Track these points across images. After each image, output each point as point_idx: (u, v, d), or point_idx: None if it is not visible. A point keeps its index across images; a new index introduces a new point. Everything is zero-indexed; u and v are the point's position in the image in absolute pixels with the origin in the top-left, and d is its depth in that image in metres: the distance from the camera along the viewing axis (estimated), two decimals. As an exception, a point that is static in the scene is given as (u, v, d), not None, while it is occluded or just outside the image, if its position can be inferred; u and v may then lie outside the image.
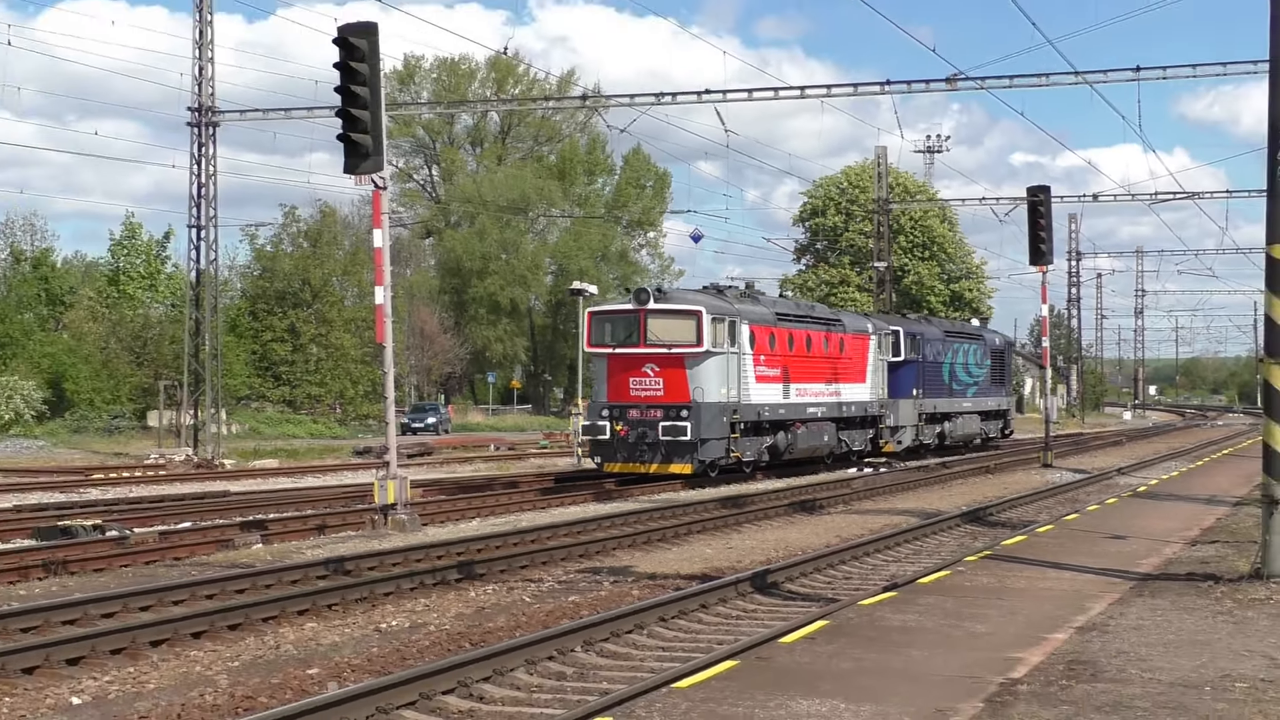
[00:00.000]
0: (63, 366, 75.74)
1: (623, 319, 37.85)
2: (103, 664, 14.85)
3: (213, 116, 56.01)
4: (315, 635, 16.69)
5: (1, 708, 13.02)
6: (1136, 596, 16.00)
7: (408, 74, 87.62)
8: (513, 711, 12.59)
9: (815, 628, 14.08)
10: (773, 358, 40.90)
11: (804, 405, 43.34)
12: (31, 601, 18.32)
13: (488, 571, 21.63)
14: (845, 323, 48.60)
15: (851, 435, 47.25)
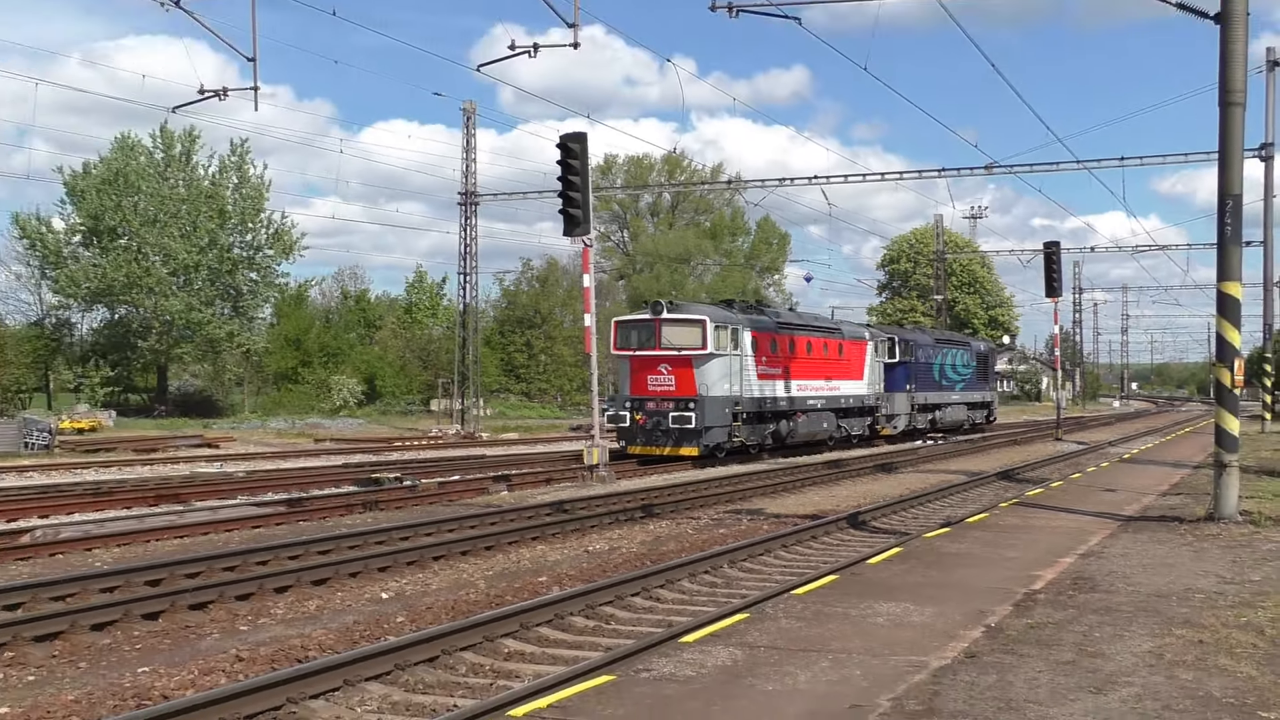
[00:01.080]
0: (374, 369, 76.97)
1: (642, 326, 33.53)
2: (401, 571, 15.04)
3: (474, 198, 56.66)
4: (543, 554, 16.76)
5: (336, 600, 13.24)
6: (1123, 532, 15.70)
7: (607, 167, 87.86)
8: (682, 605, 12.55)
9: (892, 553, 13.90)
10: (774, 359, 36.34)
11: (804, 398, 38.34)
12: (355, 528, 18.59)
13: (661, 511, 21.59)
14: (843, 330, 43.69)
15: (850, 422, 42.14)
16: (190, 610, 12.33)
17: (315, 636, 11.13)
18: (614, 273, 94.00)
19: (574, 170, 25.81)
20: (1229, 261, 15.94)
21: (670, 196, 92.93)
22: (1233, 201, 15.71)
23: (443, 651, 10.11)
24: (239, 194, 70.44)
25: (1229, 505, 16.09)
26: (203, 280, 67.43)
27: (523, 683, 9.10)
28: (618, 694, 7.56)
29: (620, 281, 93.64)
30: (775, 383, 36.31)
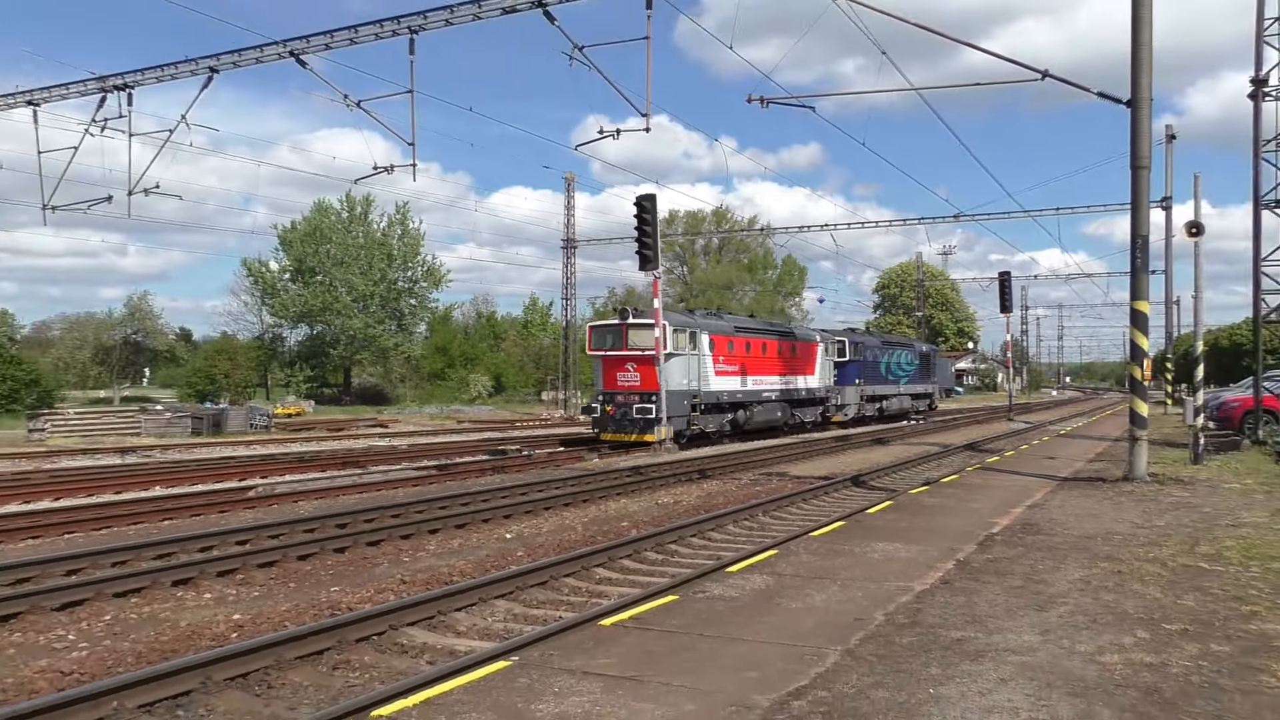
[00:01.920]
0: (500, 369, 77.43)
1: (611, 330, 29.45)
2: (520, 518, 15.11)
3: (573, 243, 56.90)
4: (624, 506, 16.76)
5: (473, 539, 13.32)
6: (1060, 490, 15.39)
7: (670, 219, 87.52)
8: (728, 544, 12.49)
9: (885, 505, 13.74)
10: (731, 357, 32.15)
11: (759, 391, 34.12)
12: (486, 486, 18.71)
13: (712, 474, 21.50)
14: (796, 333, 39.23)
15: (803, 411, 37.92)
16: (367, 546, 12.50)
17: (458, 566, 11.23)
18: (675, 298, 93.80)
19: (647, 222, 25.93)
20: (1139, 285, 16.00)
21: (718, 240, 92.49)
22: (1141, 240, 15.77)
23: (550, 577, 10.16)
24: (402, 242, 71.39)
25: (1140, 468, 15.89)
26: (375, 305, 68.56)
27: (610, 601, 9.12)
28: (680, 609, 7.56)
29: (681, 304, 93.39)
30: (732, 378, 32.23)
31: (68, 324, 75.93)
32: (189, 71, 20.56)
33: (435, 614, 8.59)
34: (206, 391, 57.87)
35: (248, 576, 10.69)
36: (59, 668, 7.14)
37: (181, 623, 8.63)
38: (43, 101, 22.84)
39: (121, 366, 71.69)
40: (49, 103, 22.88)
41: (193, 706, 6.35)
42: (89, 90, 21.92)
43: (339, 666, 7.28)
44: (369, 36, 18.80)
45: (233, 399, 53.17)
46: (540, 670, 5.97)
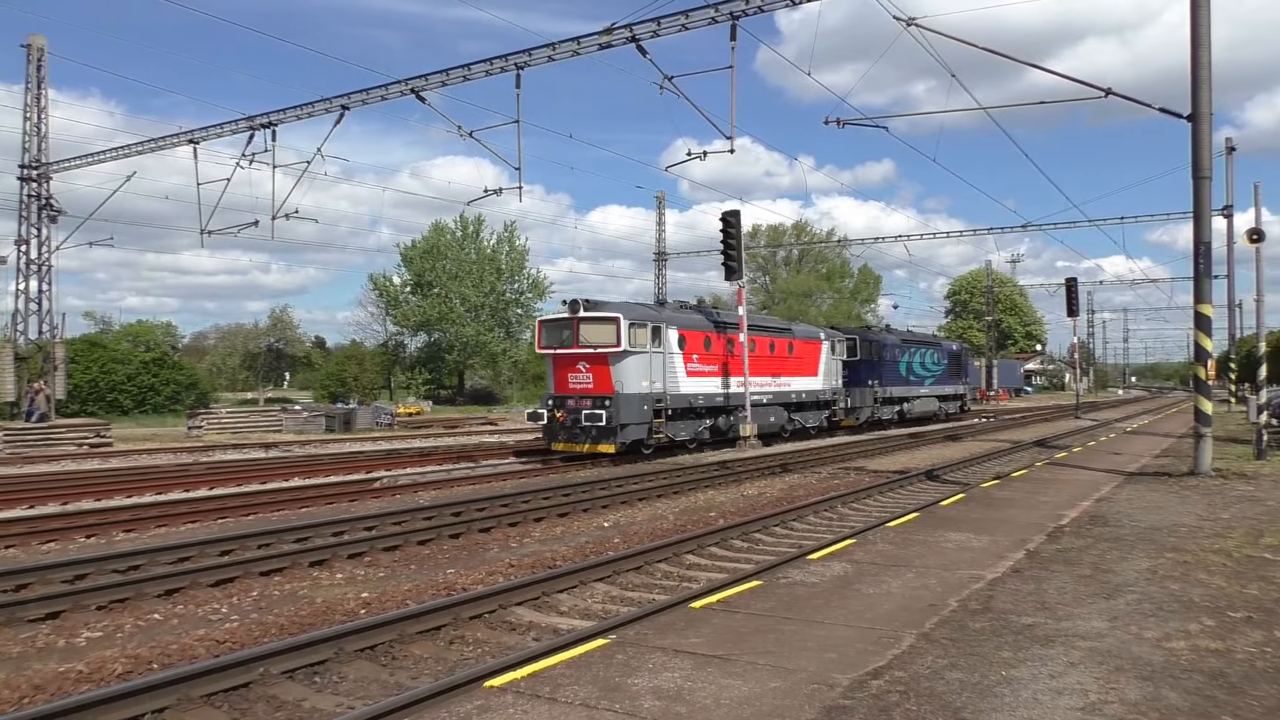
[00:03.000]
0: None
1: (562, 325, 24.05)
2: (616, 508, 15.14)
3: (664, 256, 56.94)
4: (712, 497, 16.69)
5: (574, 527, 13.40)
6: (1127, 484, 14.85)
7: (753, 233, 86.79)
8: (808, 533, 12.35)
9: (958, 498, 13.44)
10: (709, 356, 26.03)
11: (750, 394, 27.67)
12: (585, 479, 18.81)
13: (794, 468, 21.29)
14: (795, 330, 32.29)
15: (805, 415, 31.67)
16: (479, 532, 12.68)
17: (560, 551, 11.32)
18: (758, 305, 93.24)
19: (732, 235, 25.80)
20: (1202, 289, 15.42)
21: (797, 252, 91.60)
22: (1204, 247, 15.20)
23: (644, 563, 10.17)
24: (509, 257, 72.31)
25: (1205, 463, 15.29)
26: (486, 315, 69.62)
27: (699, 585, 9.09)
28: (764, 593, 7.50)
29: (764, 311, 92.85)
30: (710, 379, 26.10)
31: (220, 334, 79.11)
32: (324, 109, 21.17)
33: (540, 595, 8.66)
34: (338, 393, 59.43)
35: (374, 559, 10.93)
36: (214, 637, 7.40)
37: (317, 599, 8.86)
38: (201, 140, 23.77)
39: (265, 371, 74.22)
40: (206, 141, 23.80)
41: (327, 674, 6.52)
42: (239, 129, 22.74)
43: (454, 641, 7.39)
44: (480, 73, 19.11)
45: (361, 400, 54.47)
46: (636, 648, 5.98)
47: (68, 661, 6.81)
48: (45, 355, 30.13)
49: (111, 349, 47.87)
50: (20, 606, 8.10)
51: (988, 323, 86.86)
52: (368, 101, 20.63)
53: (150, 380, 47.68)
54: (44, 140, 30.15)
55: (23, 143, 29.97)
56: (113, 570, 9.82)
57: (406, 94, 19.90)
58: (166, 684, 5.82)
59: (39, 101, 30.13)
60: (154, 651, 6.97)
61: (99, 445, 26.92)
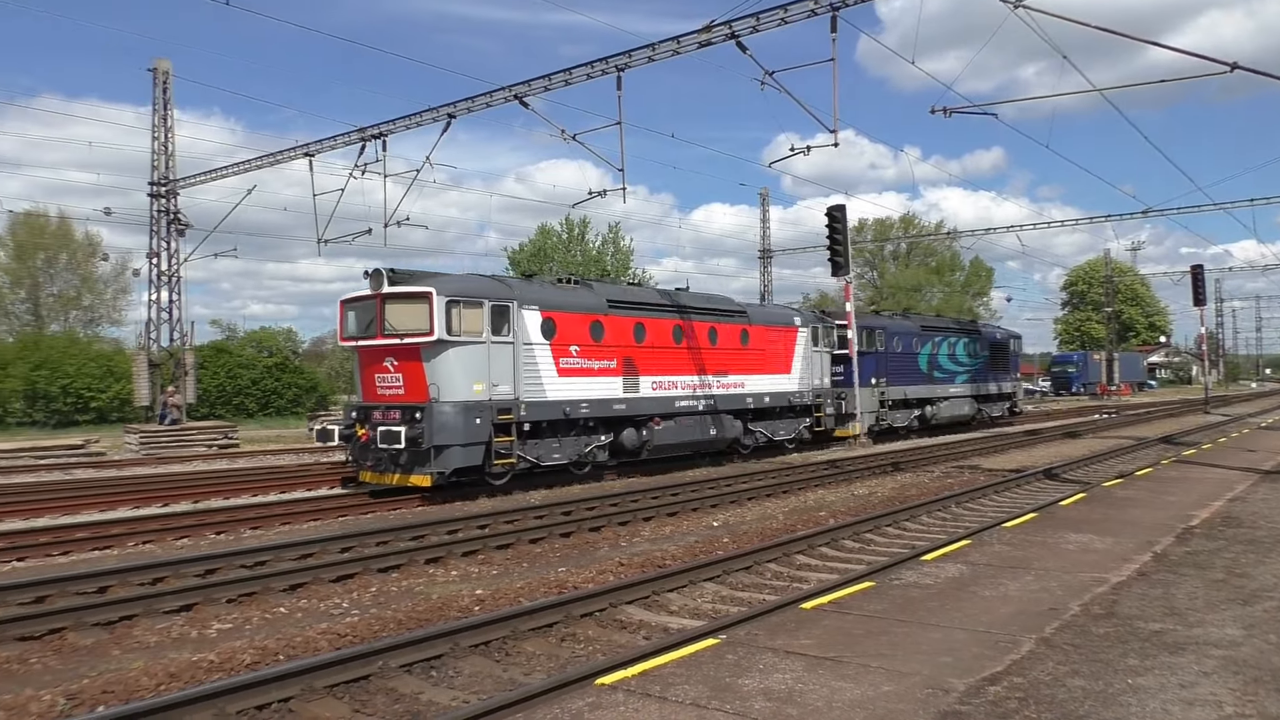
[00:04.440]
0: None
1: (365, 305, 17.04)
2: (725, 508, 15.12)
3: (769, 253, 56.61)
4: (822, 496, 16.50)
5: (683, 526, 13.43)
6: (1262, 483, 14.08)
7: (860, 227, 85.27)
8: (921, 534, 12.10)
9: (1078, 497, 12.97)
10: (599, 349, 19.02)
11: (670, 399, 20.71)
12: (695, 479, 18.80)
13: (905, 467, 20.88)
14: (751, 314, 24.39)
15: (772, 426, 24.33)
16: (589, 531, 12.82)
17: (669, 551, 11.35)
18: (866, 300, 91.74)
19: (837, 230, 25.38)
20: None
21: (905, 245, 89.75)
22: None
23: (754, 563, 10.12)
24: (614, 258, 72.94)
25: (1353, 463, 14.30)
26: (592, 315, 70.34)
27: (809, 585, 9.00)
28: (877, 594, 7.38)
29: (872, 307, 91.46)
30: (601, 380, 19.10)
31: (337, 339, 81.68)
32: (431, 119, 21.73)
33: (650, 594, 8.71)
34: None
35: (487, 557, 11.17)
36: (336, 630, 7.67)
37: (433, 595, 9.11)
38: (316, 153, 24.69)
39: (380, 374, 76.29)
40: (321, 153, 24.71)
41: (444, 668, 6.69)
42: (352, 140, 23.54)
43: (566, 639, 7.50)
44: (581, 77, 19.32)
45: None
46: (746, 648, 5.96)
47: (200, 651, 7.17)
48: (176, 362, 31.74)
49: (237, 355, 50.02)
50: (157, 599, 8.56)
51: (1107, 314, 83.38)
52: (473, 109, 21.09)
53: (273, 384, 49.65)
54: (171, 158, 31.78)
55: (152, 161, 31.64)
56: (240, 565, 10.29)
57: (510, 100, 20.27)
58: (292, 675, 6.07)
59: (166, 122, 31.77)
60: (280, 643, 7.28)
61: (226, 446, 28.22)
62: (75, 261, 54.28)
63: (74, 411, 39.34)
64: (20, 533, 12.57)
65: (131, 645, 7.57)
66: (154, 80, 31.91)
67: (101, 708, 5.83)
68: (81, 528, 13.04)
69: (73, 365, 40.18)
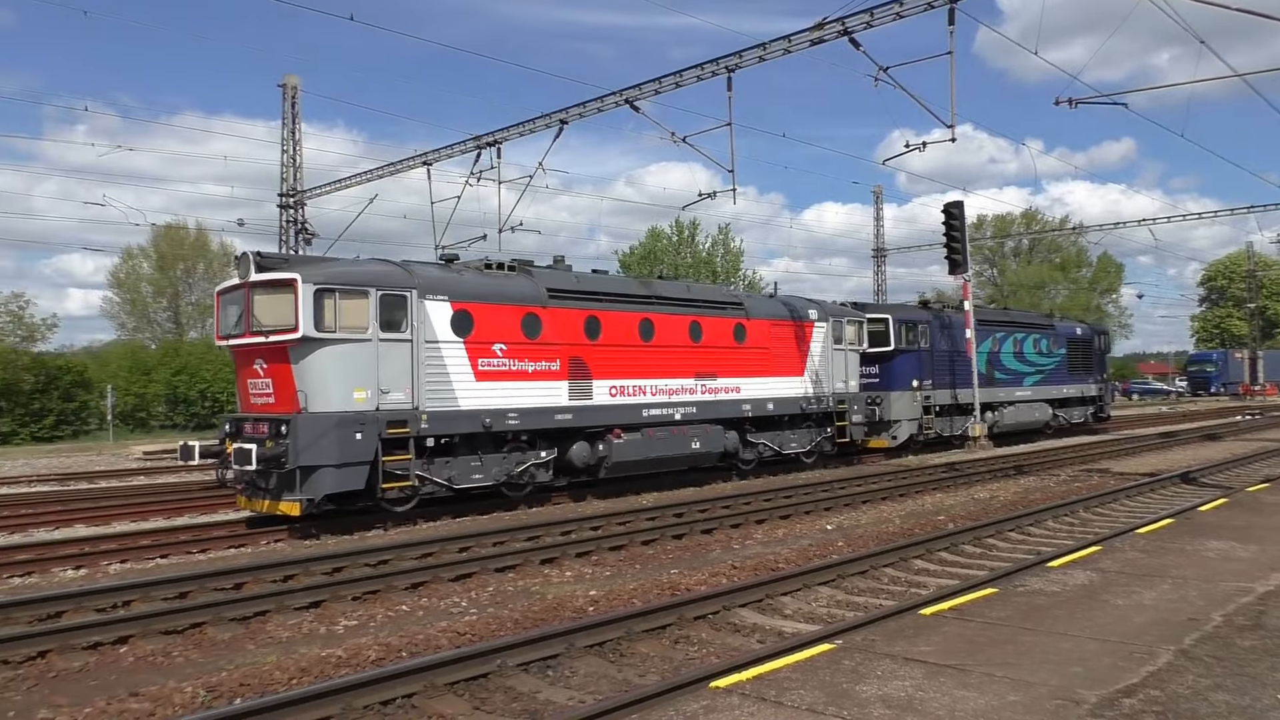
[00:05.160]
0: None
1: (236, 296, 13.93)
2: (839, 510, 14.90)
3: (883, 252, 55.63)
4: (940, 500, 16.09)
5: (796, 529, 13.28)
6: None
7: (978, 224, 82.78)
8: (1047, 539, 11.65)
9: (1219, 503, 12.30)
10: (539, 348, 15.74)
11: (635, 407, 17.23)
12: (807, 481, 18.58)
13: (1029, 470, 20.18)
14: (750, 306, 20.39)
15: (780, 437, 20.60)
16: (701, 534, 12.81)
17: (782, 554, 11.24)
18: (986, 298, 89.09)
19: (955, 227, 24.74)
20: None
21: (1027, 242, 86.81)
22: None
23: (870, 567, 9.94)
24: (724, 260, 72.74)
25: None
26: (703, 317, 70.34)
27: (928, 591, 8.78)
28: (1000, 602, 7.15)
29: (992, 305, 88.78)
30: (542, 385, 15.77)
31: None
32: (544, 125, 22.08)
33: (764, 597, 8.64)
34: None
35: (601, 558, 11.28)
36: (455, 629, 7.86)
37: (548, 596, 9.24)
38: (434, 161, 25.40)
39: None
40: (438, 162, 25.40)
41: (559, 667, 6.78)
42: (467, 149, 24.11)
43: (679, 641, 7.50)
44: (691, 79, 19.33)
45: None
46: (863, 654, 5.85)
47: (329, 647, 7.44)
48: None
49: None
50: (288, 595, 8.93)
51: (1250, 310, 78.86)
52: (584, 114, 21.34)
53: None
54: (299, 170, 33.18)
55: (281, 173, 33.11)
56: (365, 564, 10.65)
57: (621, 104, 20.43)
58: (415, 671, 6.25)
59: (294, 135, 33.18)
60: (402, 640, 7.50)
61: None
62: (211, 271, 57.18)
63: (211, 415, 41.40)
64: (164, 530, 13.32)
65: (265, 640, 7.92)
66: (283, 95, 33.39)
67: (239, 700, 6.11)
68: (218, 526, 13.72)
69: (209, 370, 42.27)
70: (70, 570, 10.97)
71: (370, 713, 5.84)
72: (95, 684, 6.77)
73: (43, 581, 10.40)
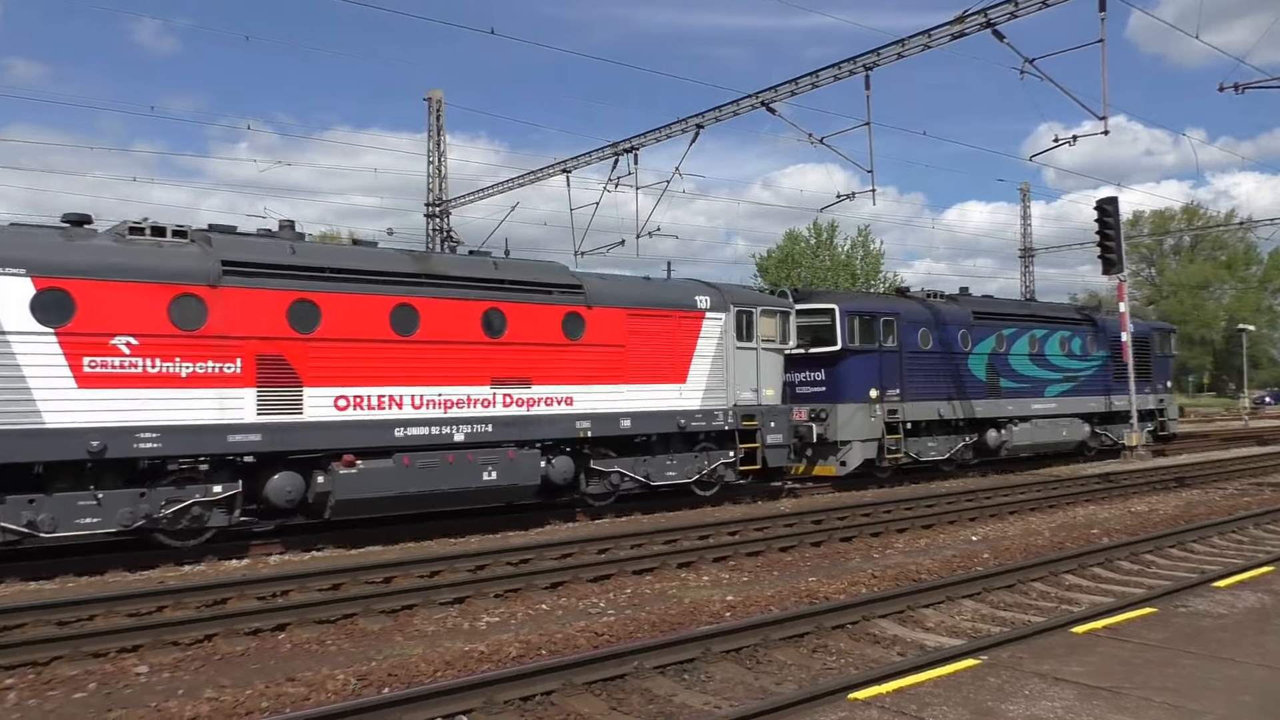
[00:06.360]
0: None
1: None
2: (985, 521, 14.45)
3: (1031, 252, 53.66)
4: (1094, 512, 15.34)
5: (939, 539, 12.93)
6: None
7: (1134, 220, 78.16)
8: (1212, 557, 10.96)
9: None
10: (202, 343, 11.48)
11: (380, 424, 12.73)
12: (950, 490, 18.05)
13: (1192, 482, 19.02)
14: (592, 291, 15.21)
15: (648, 463, 15.68)
16: (840, 541, 12.62)
17: (924, 564, 10.95)
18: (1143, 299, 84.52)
19: (1109, 225, 23.56)
20: None
21: (1189, 239, 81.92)
22: None
23: (1017, 581, 9.58)
24: (864, 262, 71.48)
25: None
26: (841, 321, 69.27)
27: (1081, 608, 8.39)
28: (1159, 622, 6.78)
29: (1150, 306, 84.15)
30: (205, 394, 11.60)
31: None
32: (680, 130, 22.21)
33: (904, 609, 8.44)
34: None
35: (738, 563, 11.25)
36: (594, 629, 7.98)
37: (685, 599, 9.27)
38: (572, 169, 25.90)
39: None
40: (577, 169, 25.89)
41: (696, 672, 6.80)
42: (605, 155, 24.48)
43: (817, 650, 7.40)
44: (828, 79, 19.08)
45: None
46: (1010, 671, 5.65)
47: (471, 642, 7.67)
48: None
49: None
50: (434, 590, 9.26)
51: None
52: (720, 118, 21.33)
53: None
54: (444, 180, 34.35)
55: (427, 184, 34.35)
56: (506, 562, 10.94)
57: (757, 107, 20.33)
58: (554, 669, 6.38)
59: (439, 147, 34.39)
60: (542, 639, 7.66)
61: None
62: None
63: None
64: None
65: (412, 633, 8.23)
66: (428, 109, 34.64)
67: (387, 689, 6.38)
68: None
69: None
70: (234, 560, 11.67)
71: (510, 708, 5.99)
72: (256, 667, 7.18)
73: (210, 570, 11.10)
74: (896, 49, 17.94)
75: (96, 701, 6.37)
